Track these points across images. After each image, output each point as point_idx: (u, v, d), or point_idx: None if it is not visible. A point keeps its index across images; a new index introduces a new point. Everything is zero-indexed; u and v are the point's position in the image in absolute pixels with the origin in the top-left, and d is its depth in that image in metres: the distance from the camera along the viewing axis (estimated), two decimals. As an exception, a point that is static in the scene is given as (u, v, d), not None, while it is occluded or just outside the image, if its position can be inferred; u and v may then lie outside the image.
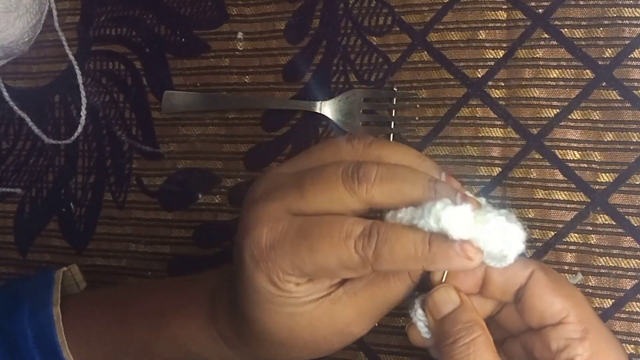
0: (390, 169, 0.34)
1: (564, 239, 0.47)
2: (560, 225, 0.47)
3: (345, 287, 0.36)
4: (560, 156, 0.48)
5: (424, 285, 0.37)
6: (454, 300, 0.35)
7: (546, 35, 0.48)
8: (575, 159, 0.47)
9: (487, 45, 0.49)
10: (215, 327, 0.41)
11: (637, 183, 0.46)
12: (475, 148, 0.49)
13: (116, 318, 0.45)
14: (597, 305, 0.47)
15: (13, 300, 0.46)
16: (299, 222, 0.34)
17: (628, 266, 0.46)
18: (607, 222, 0.47)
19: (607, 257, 0.47)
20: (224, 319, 0.40)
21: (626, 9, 0.46)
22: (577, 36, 0.47)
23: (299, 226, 0.34)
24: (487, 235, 0.32)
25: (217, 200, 0.55)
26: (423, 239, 0.32)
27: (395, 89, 0.51)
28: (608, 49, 0.47)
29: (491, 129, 0.49)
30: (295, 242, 0.34)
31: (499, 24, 0.49)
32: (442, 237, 0.32)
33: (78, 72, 0.58)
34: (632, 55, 0.46)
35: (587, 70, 0.47)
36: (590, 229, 0.47)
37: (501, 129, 0.49)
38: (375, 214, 0.36)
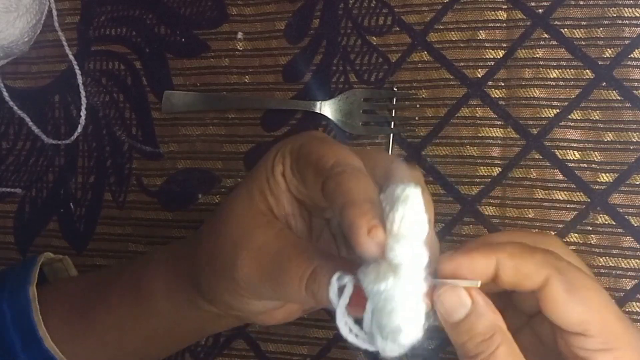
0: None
1: (564, 239, 0.47)
2: (560, 225, 0.47)
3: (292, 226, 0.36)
4: (560, 156, 0.48)
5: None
6: (465, 303, 0.31)
7: (546, 35, 0.48)
8: (575, 159, 0.47)
9: (487, 45, 0.49)
10: (186, 265, 0.40)
11: (637, 183, 0.46)
12: (475, 148, 0.49)
13: (91, 288, 0.46)
14: (597, 305, 0.47)
15: None
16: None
17: (628, 266, 0.46)
18: (607, 222, 0.47)
19: (607, 257, 0.47)
20: (195, 242, 0.40)
21: (626, 9, 0.46)
22: (577, 36, 0.47)
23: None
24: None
25: (217, 201, 0.55)
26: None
27: (395, 89, 0.51)
28: (608, 49, 0.47)
29: (491, 129, 0.49)
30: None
31: (499, 24, 0.49)
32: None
33: (78, 72, 0.58)
34: (632, 55, 0.46)
35: (587, 70, 0.47)
36: (590, 229, 0.47)
37: (501, 129, 0.49)
38: None
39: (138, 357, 0.45)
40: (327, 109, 0.52)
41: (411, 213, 0.28)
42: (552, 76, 0.48)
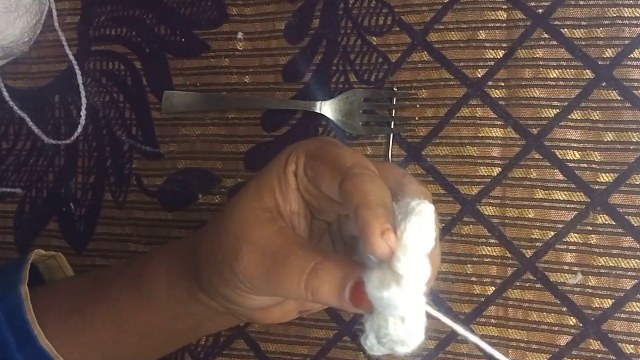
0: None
1: (564, 239, 0.47)
2: (560, 225, 0.47)
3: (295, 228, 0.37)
4: (560, 156, 0.48)
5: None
6: None
7: (546, 35, 0.48)
8: (575, 159, 0.47)
9: (487, 45, 0.49)
10: (187, 259, 0.41)
11: (637, 183, 0.46)
12: (475, 148, 0.49)
13: (91, 284, 0.46)
14: (597, 305, 0.47)
15: None
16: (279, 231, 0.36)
17: (628, 266, 0.46)
18: (607, 222, 0.47)
19: (607, 257, 0.47)
20: (196, 237, 0.41)
21: (626, 9, 0.46)
22: (577, 36, 0.47)
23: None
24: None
25: (217, 200, 0.55)
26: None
27: (395, 89, 0.51)
28: (608, 49, 0.47)
29: (491, 129, 0.49)
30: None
31: (499, 24, 0.49)
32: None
33: (78, 72, 0.58)
34: (632, 55, 0.46)
35: (587, 70, 0.47)
36: (590, 229, 0.47)
37: (501, 129, 0.49)
38: None
39: (132, 355, 0.46)
40: (327, 109, 0.52)
41: (423, 227, 0.29)
42: (552, 76, 0.48)
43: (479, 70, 0.49)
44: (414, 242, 0.29)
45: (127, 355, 0.45)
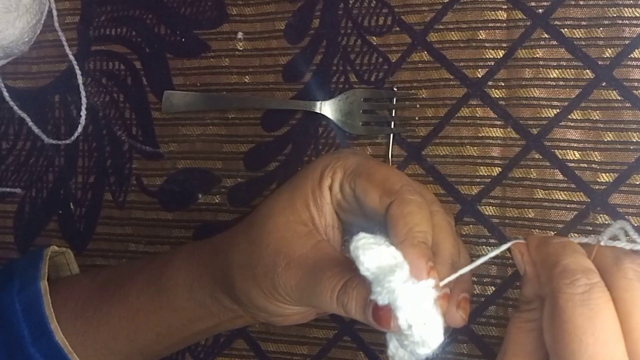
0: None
1: (564, 239, 0.47)
2: (560, 225, 0.47)
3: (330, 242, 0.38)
4: (560, 156, 0.48)
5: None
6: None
7: (546, 35, 0.48)
8: (575, 159, 0.47)
9: (487, 45, 0.49)
10: (212, 265, 0.41)
11: (637, 183, 0.46)
12: (475, 148, 0.49)
13: (105, 283, 0.46)
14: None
15: (4, 278, 0.47)
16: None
17: (628, 266, 0.46)
18: (607, 222, 0.47)
19: (607, 257, 0.47)
20: (222, 241, 0.41)
21: (626, 9, 0.46)
22: (577, 36, 0.47)
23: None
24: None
25: (217, 200, 0.55)
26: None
27: (395, 89, 0.51)
28: (608, 49, 0.47)
29: (491, 129, 0.49)
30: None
31: (499, 24, 0.49)
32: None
33: (78, 72, 0.58)
34: (632, 55, 0.46)
35: (587, 70, 0.47)
36: (590, 229, 0.47)
37: (501, 129, 0.49)
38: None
39: (146, 354, 0.46)
40: (327, 109, 0.52)
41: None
42: (552, 76, 0.48)
43: (479, 70, 0.49)
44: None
45: (142, 352, 0.45)
